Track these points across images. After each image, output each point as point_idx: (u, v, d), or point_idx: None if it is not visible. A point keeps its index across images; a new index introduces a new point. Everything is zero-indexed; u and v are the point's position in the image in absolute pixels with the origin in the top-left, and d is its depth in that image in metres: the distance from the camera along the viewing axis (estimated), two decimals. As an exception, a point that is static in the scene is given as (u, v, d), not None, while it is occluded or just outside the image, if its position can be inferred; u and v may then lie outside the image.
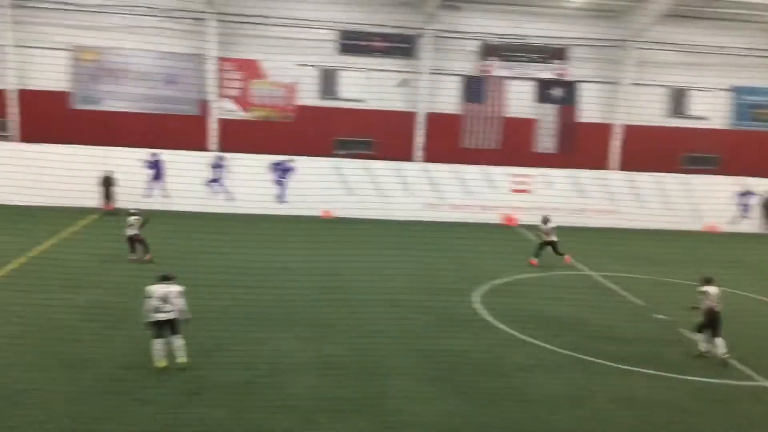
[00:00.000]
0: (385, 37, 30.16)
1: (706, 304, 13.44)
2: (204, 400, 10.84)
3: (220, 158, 28.18)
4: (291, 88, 30.06)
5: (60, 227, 22.98)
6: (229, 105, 29.83)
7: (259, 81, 29.95)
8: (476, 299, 17.42)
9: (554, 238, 21.51)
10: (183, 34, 28.82)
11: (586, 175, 30.34)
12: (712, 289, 13.48)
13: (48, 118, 28.14)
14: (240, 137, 29.29)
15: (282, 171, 28.49)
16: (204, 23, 28.67)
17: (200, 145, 29.04)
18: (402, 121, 30.46)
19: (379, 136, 30.71)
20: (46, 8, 27.86)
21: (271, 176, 28.49)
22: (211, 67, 29.04)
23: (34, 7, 27.83)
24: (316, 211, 28.00)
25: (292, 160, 28.48)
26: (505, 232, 28.10)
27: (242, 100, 29.97)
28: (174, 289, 11.98)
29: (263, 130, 29.82)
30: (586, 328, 15.36)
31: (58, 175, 22.83)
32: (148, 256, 19.26)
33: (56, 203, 24.35)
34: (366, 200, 27.57)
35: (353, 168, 28.81)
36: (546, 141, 31.74)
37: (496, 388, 11.84)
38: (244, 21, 28.93)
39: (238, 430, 9.97)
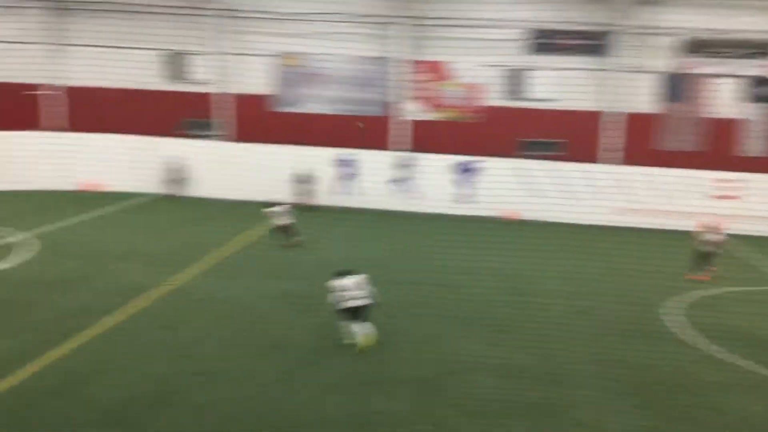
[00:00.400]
0: (575, 34, 29.20)
1: None
2: (387, 392, 11.16)
3: (409, 158, 28.84)
4: (478, 89, 30.07)
5: (262, 220, 24.68)
6: (416, 106, 30.44)
7: (446, 82, 30.28)
8: (668, 311, 16.34)
9: (713, 249, 19.51)
10: (374, 38, 29.88)
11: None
12: None
13: (255, 120, 30.45)
14: (426, 138, 29.80)
15: (467, 171, 28.59)
16: (394, 27, 29.53)
17: (385, 146, 29.93)
18: (591, 121, 29.34)
19: (566, 136, 29.81)
20: (258, 18, 30.22)
21: (456, 176, 28.66)
22: (399, 70, 29.85)
23: (248, 18, 30.32)
24: (500, 213, 27.75)
25: (477, 161, 28.48)
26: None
27: (429, 102, 30.45)
28: (358, 278, 12.75)
29: (450, 131, 30.11)
30: (799, 351, 13.86)
31: (262, 172, 24.82)
32: (296, 239, 20.57)
33: (260, 198, 26.39)
34: (552, 203, 26.84)
35: (539, 169, 28.13)
36: (757, 143, 29.00)
37: (691, 407, 11.05)
38: (433, 24, 29.40)
39: (424, 426, 10.13)
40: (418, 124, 30.27)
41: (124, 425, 9.83)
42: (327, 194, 28.41)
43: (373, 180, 27.60)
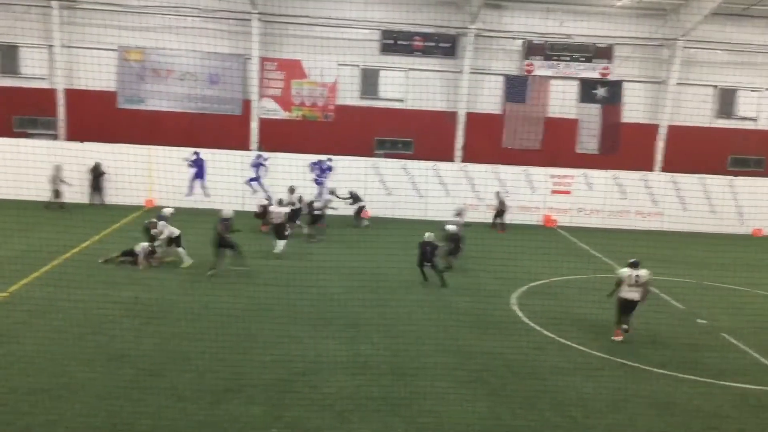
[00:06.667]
0: (426, 36, 30.11)
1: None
2: (240, 397, 10.94)
3: (260, 157, 28.45)
4: (331, 88, 30.22)
5: (106, 224, 23.41)
6: (271, 104, 30.14)
7: (300, 81, 30.17)
8: (515, 301, 17.25)
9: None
10: (226, 34, 29.25)
11: (627, 176, 29.83)
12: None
13: (95, 118, 28.78)
14: (280, 136, 29.57)
15: (320, 170, 28.64)
16: (247, 23, 29.02)
17: (242, 145, 29.37)
18: (442, 121, 30.37)
19: (418, 136, 30.69)
20: (92, 9, 28.57)
21: (310, 175, 28.62)
22: (253, 67, 29.37)
23: (81, 8, 28.56)
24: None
25: (330, 159, 28.60)
26: (545, 233, 27.80)
27: (283, 100, 30.23)
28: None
29: (303, 130, 30.05)
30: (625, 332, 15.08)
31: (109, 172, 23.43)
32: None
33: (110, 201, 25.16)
34: (403, 200, 27.58)
35: (391, 168, 28.82)
36: (589, 141, 31.30)
37: (532, 391, 11.71)
38: (287, 21, 29.19)
39: (274, 428, 10.04)
40: (270, 123, 29.97)
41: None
42: (176, 195, 27.36)
43: (224, 180, 26.80)
